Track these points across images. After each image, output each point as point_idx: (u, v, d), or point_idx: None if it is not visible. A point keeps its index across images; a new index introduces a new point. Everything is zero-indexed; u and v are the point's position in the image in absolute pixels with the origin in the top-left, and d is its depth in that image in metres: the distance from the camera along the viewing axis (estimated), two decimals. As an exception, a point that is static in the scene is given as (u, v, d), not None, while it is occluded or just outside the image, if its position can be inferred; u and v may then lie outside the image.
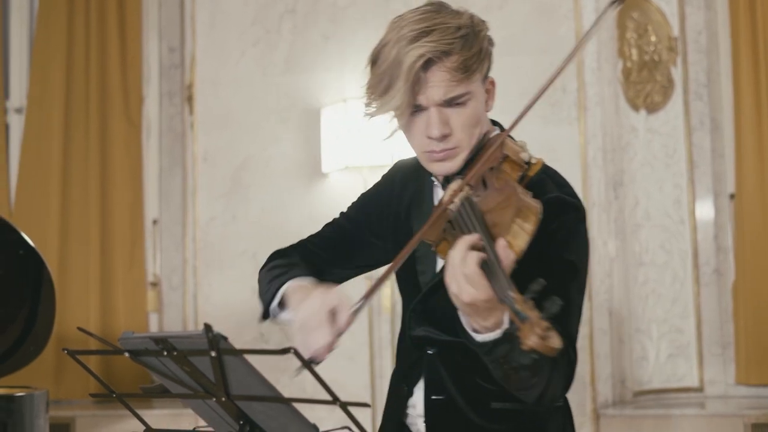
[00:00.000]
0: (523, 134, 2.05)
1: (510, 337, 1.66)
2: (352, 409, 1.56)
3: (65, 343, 4.56)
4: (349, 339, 2.38)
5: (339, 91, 4.56)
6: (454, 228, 1.78)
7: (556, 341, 1.50)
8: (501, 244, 1.65)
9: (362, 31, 4.58)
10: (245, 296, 4.62)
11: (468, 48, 1.88)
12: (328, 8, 4.66)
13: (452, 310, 1.75)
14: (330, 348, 1.85)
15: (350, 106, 4.29)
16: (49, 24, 5.13)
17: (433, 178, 2.06)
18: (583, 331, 4.31)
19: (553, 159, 4.72)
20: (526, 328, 1.51)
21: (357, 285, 2.25)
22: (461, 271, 1.64)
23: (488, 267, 1.63)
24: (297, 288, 2.04)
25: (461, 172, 1.91)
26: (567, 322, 1.83)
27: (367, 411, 4.25)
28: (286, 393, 1.64)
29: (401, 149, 4.45)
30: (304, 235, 2.37)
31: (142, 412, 1.93)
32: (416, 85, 1.85)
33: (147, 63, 5.22)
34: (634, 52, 4.70)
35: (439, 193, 2.04)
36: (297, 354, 1.48)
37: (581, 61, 4.42)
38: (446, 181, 1.94)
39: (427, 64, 1.85)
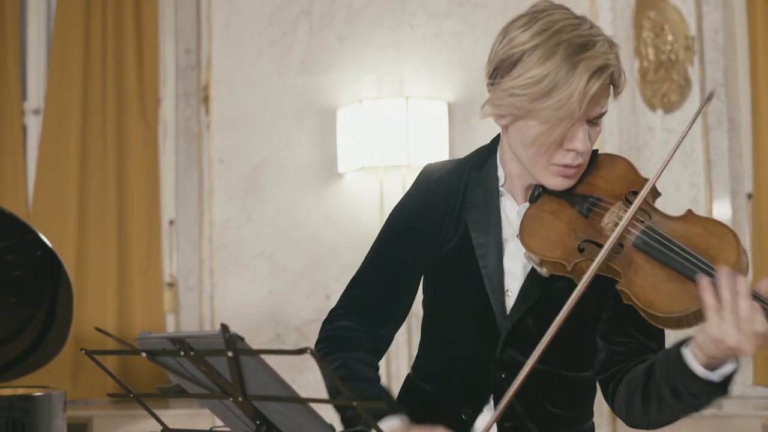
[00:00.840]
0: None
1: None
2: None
3: (83, 343, 4.57)
4: (366, 339, 2.38)
5: (355, 91, 4.56)
6: (618, 253, 1.75)
7: None
8: (766, 282, 1.63)
9: (378, 32, 4.58)
10: (261, 297, 4.63)
11: (618, 63, 1.85)
12: (343, 9, 4.66)
13: (545, 332, 1.73)
14: None
15: (366, 107, 4.29)
16: (66, 26, 5.15)
17: (501, 188, 1.97)
18: (599, 331, 4.30)
19: (570, 159, 4.67)
20: None
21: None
22: (756, 330, 1.60)
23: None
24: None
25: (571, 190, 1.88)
26: (663, 341, 1.90)
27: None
28: (303, 393, 1.64)
29: (417, 149, 4.45)
30: (320, 237, 2.36)
31: (159, 412, 1.93)
32: (587, 96, 1.77)
33: (163, 64, 5.23)
34: (651, 51, 4.68)
35: (508, 205, 1.97)
36: (313, 354, 1.48)
37: (597, 61, 4.40)
38: (536, 194, 1.89)
39: (598, 76, 1.78)
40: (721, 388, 1.71)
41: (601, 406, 4.29)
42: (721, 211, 4.65)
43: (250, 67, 4.75)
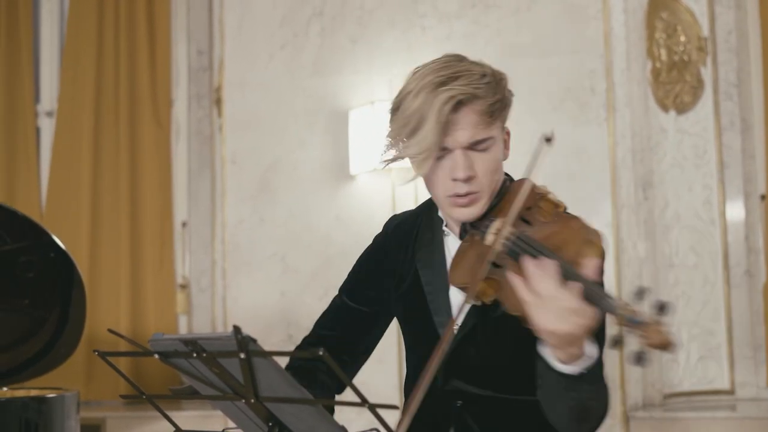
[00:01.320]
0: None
1: (599, 367, 1.69)
2: (381, 411, 1.56)
3: (96, 344, 4.59)
4: (379, 342, 2.38)
5: (367, 93, 4.56)
6: (499, 266, 1.78)
7: (672, 334, 1.52)
8: (592, 263, 1.65)
9: (390, 34, 4.58)
10: (273, 298, 4.63)
11: (492, 93, 1.93)
12: (355, 11, 4.66)
13: (488, 359, 1.79)
14: None
15: (378, 109, 4.29)
16: (79, 28, 5.17)
17: (444, 228, 2.08)
18: (610, 332, 4.28)
19: (583, 160, 4.71)
20: (649, 329, 1.52)
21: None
22: (565, 306, 1.62)
23: (588, 293, 1.63)
24: None
25: (483, 218, 1.93)
26: (601, 350, 1.84)
27: (395, 413, 4.25)
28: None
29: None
30: (332, 238, 2.40)
31: (171, 414, 1.93)
32: (446, 126, 1.88)
33: (176, 66, 5.24)
34: (664, 52, 4.67)
35: (452, 243, 2.05)
36: (326, 356, 1.48)
37: (610, 62, 4.39)
38: (463, 230, 1.97)
39: (457, 106, 1.89)
40: (591, 376, 1.72)
41: (614, 408, 4.28)
42: (734, 212, 4.64)
43: (262, 69, 4.76)
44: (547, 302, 1.63)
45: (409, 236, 2.15)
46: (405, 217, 2.22)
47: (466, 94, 1.89)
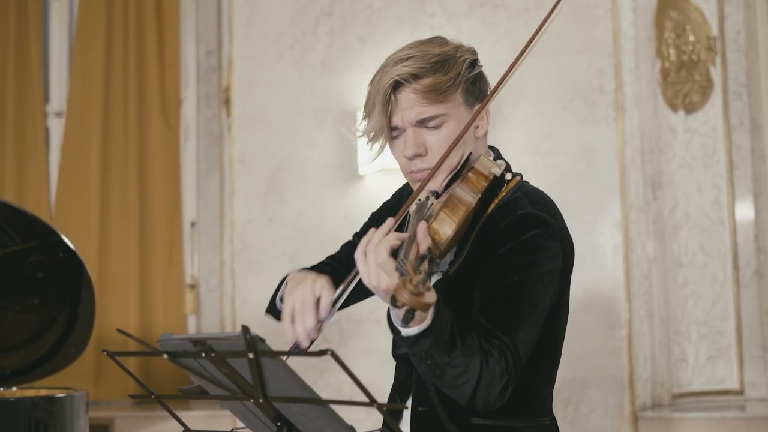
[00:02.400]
0: (561, 135, 2.07)
1: (433, 332, 1.72)
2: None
3: (105, 344, 4.60)
4: (387, 341, 2.38)
5: (375, 93, 4.56)
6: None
7: (429, 297, 1.58)
8: (421, 226, 1.75)
9: (398, 33, 4.58)
10: (282, 298, 4.63)
11: (443, 72, 1.97)
12: (364, 10, 4.66)
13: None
14: (312, 334, 1.95)
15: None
16: (88, 29, 5.18)
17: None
18: (621, 333, 4.28)
19: (591, 160, 4.70)
20: (400, 284, 1.57)
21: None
22: (374, 260, 1.73)
23: (399, 250, 1.72)
24: (294, 277, 2.11)
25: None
26: (513, 329, 1.87)
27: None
28: (323, 394, 1.64)
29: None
30: (341, 237, 2.41)
31: (180, 413, 1.94)
32: (388, 106, 1.99)
33: (185, 66, 5.25)
34: (673, 52, 4.66)
35: None
36: (334, 356, 1.48)
37: (619, 62, 4.39)
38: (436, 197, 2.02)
39: (397, 86, 1.98)
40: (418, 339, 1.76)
41: (623, 408, 4.28)
42: (744, 212, 4.62)
43: (270, 68, 4.76)
44: (368, 257, 1.74)
45: (401, 198, 2.30)
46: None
47: (405, 75, 1.96)
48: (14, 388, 3.63)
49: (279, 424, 1.72)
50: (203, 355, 1.64)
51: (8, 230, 3.56)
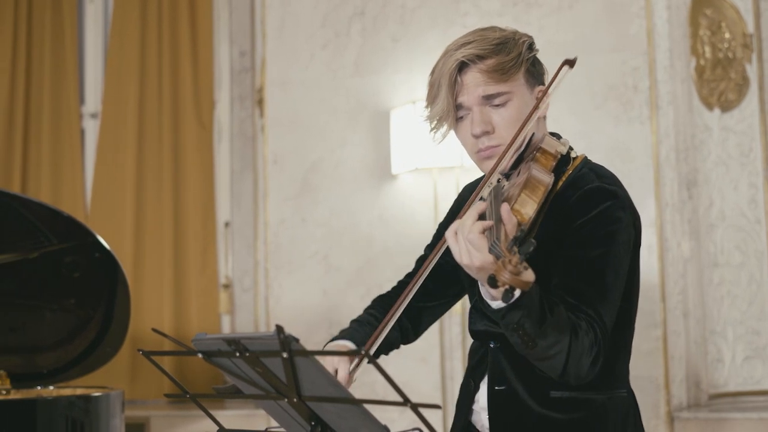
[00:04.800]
0: (596, 134, 2.09)
1: (524, 304, 1.77)
2: (423, 411, 1.56)
3: (140, 344, 4.63)
4: (421, 341, 2.38)
5: (408, 92, 4.56)
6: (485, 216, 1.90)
7: (528, 276, 1.64)
8: (504, 208, 1.80)
9: (431, 33, 4.57)
10: (316, 298, 4.64)
11: (505, 53, 2.05)
12: (397, 10, 4.66)
13: None
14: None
15: (420, 108, 4.29)
16: (122, 31, 5.22)
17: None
18: (656, 332, 4.26)
19: (626, 158, 4.66)
20: (499, 266, 1.63)
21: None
22: (466, 237, 1.77)
23: (491, 232, 1.77)
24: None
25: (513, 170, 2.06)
26: (598, 302, 1.93)
27: (438, 412, 4.24)
28: (357, 394, 1.64)
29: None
30: (374, 237, 2.43)
31: (215, 413, 1.95)
32: (454, 87, 2.06)
33: (218, 67, 5.27)
34: (708, 49, 4.62)
35: None
36: (367, 355, 1.48)
37: (653, 60, 4.36)
38: (506, 178, 2.07)
39: (463, 67, 2.05)
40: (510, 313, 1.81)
41: (658, 408, 4.25)
42: (781, 210, 4.58)
43: (303, 69, 4.77)
44: (458, 236, 1.79)
45: (469, 191, 2.31)
46: (473, 182, 2.37)
47: (470, 56, 2.03)
48: (51, 387, 3.67)
49: (313, 423, 1.73)
50: (237, 354, 1.65)
51: (45, 231, 3.59)
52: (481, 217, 1.83)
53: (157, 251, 5.08)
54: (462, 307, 4.34)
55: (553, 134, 2.14)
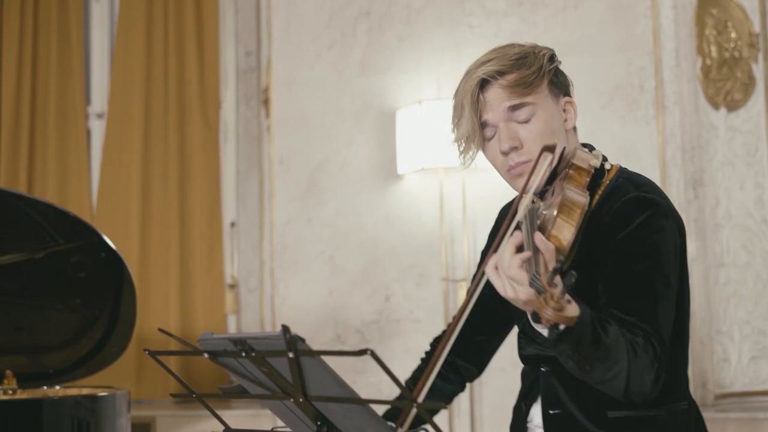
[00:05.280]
0: (602, 133, 2.08)
1: (576, 329, 1.70)
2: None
3: (146, 343, 4.63)
4: (426, 340, 2.38)
5: (414, 92, 4.56)
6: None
7: (572, 310, 1.59)
8: (538, 237, 1.73)
9: (437, 33, 4.57)
10: (321, 298, 4.64)
11: (526, 67, 2.03)
12: (402, 10, 4.66)
13: None
14: None
15: (425, 108, 4.29)
16: (128, 31, 5.22)
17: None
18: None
19: (632, 158, 4.66)
20: (541, 302, 1.58)
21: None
22: (507, 274, 1.72)
23: (530, 264, 1.70)
24: None
25: (548, 185, 2.01)
26: (652, 316, 1.87)
27: (444, 412, 4.24)
28: (363, 394, 1.64)
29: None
30: (380, 237, 2.42)
31: (221, 412, 1.95)
32: (477, 105, 2.03)
33: (224, 67, 5.28)
34: (714, 49, 4.62)
35: None
36: (374, 355, 1.48)
37: (659, 59, 4.35)
38: (540, 197, 2.03)
39: (485, 85, 2.03)
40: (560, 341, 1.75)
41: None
42: (787, 210, 4.57)
43: (309, 69, 4.77)
44: (499, 271, 1.75)
45: (505, 214, 2.27)
46: (508, 203, 2.32)
47: (491, 72, 2.02)
48: (57, 387, 3.67)
49: (319, 423, 1.73)
50: (243, 354, 1.65)
51: (51, 231, 3.59)
52: (519, 248, 1.76)
53: (163, 251, 5.08)
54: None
55: (585, 145, 2.11)
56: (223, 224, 5.20)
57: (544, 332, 1.78)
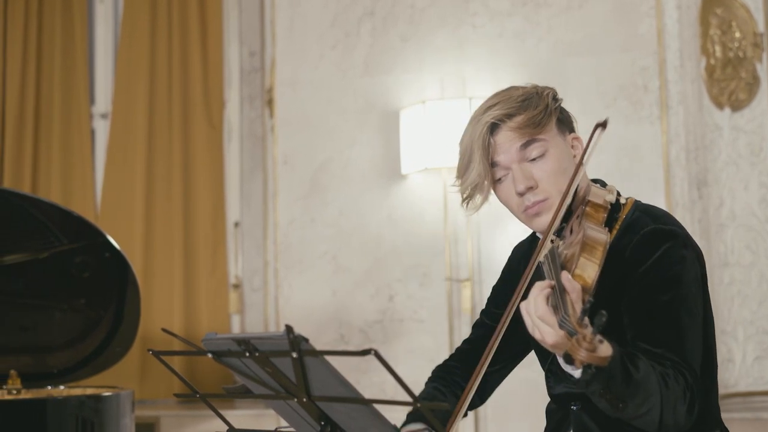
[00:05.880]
0: (606, 133, 2.07)
1: (606, 371, 1.68)
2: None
3: (150, 343, 4.63)
4: (430, 340, 2.38)
5: (418, 92, 4.56)
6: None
7: (605, 350, 1.58)
8: (565, 277, 1.72)
9: (440, 32, 4.57)
10: (325, 298, 4.64)
11: (533, 107, 2.03)
12: (406, 10, 4.66)
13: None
14: None
15: (429, 108, 4.29)
16: (132, 31, 5.23)
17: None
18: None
19: (636, 158, 4.67)
20: (573, 344, 1.57)
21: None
22: (535, 315, 1.71)
23: (556, 305, 1.69)
24: None
25: (564, 224, 2.00)
26: (680, 346, 1.89)
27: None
28: (366, 394, 1.64)
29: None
30: (383, 237, 2.42)
31: (225, 412, 1.95)
32: (488, 150, 2.03)
33: (228, 67, 5.28)
34: (718, 49, 4.61)
35: None
36: (377, 355, 1.48)
37: (663, 60, 4.35)
38: (558, 235, 2.02)
39: (494, 129, 2.03)
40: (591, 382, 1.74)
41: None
42: (792, 210, 4.56)
43: (313, 69, 4.77)
44: (527, 313, 1.73)
45: (520, 253, 2.30)
46: (523, 241, 2.34)
47: (499, 116, 2.01)
48: (62, 387, 3.68)
49: (323, 423, 1.73)
50: (247, 354, 1.65)
51: (55, 231, 3.60)
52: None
53: (166, 251, 5.09)
54: (471, 306, 4.34)
55: (595, 181, 2.11)
56: (226, 224, 5.20)
57: (575, 374, 1.77)
